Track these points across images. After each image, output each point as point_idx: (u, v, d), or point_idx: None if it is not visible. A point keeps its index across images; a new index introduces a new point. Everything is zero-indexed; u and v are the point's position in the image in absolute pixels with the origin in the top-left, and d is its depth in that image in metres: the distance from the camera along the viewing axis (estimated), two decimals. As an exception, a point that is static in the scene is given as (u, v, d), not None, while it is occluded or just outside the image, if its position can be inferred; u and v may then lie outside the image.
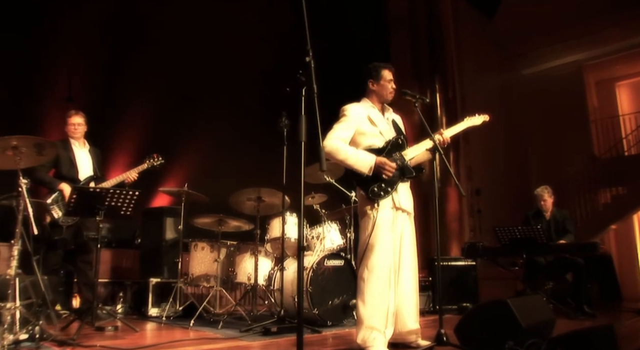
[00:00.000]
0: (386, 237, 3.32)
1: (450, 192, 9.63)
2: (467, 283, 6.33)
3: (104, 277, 5.73)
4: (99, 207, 4.14)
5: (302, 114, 2.06)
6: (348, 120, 3.42)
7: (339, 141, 3.34)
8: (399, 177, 3.41)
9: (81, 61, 6.02)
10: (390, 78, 3.57)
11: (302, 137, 2.05)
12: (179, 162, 6.67)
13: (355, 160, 3.29)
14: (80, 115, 4.89)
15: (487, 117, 3.92)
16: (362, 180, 3.34)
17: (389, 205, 3.35)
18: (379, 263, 3.27)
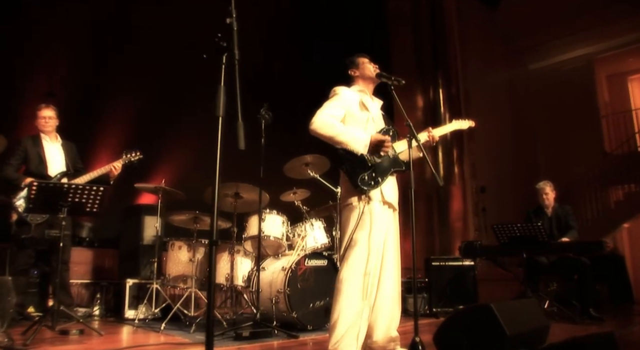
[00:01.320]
0: (371, 233, 2.96)
1: (454, 191, 9.22)
2: (466, 284, 5.90)
3: (85, 278, 5.46)
4: (62, 204, 3.83)
5: (221, 85, 1.70)
6: (340, 99, 3.10)
7: (330, 117, 3.00)
8: (388, 168, 3.07)
9: (63, 55, 5.76)
10: (368, 60, 3.27)
11: (220, 111, 1.69)
12: (164, 158, 6.37)
13: (351, 137, 2.94)
14: (51, 109, 4.61)
15: (472, 122, 3.69)
16: (352, 166, 2.98)
17: (377, 198, 3.01)
18: (361, 262, 2.92)
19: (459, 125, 3.58)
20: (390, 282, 3.07)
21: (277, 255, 4.64)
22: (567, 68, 10.73)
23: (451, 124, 3.57)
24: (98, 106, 6.03)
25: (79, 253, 5.47)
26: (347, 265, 2.94)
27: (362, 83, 3.25)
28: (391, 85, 3.15)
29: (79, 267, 5.43)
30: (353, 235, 2.96)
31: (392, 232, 3.12)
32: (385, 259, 3.06)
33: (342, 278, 2.94)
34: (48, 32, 5.63)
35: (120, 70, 6.16)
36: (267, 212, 4.51)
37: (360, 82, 3.26)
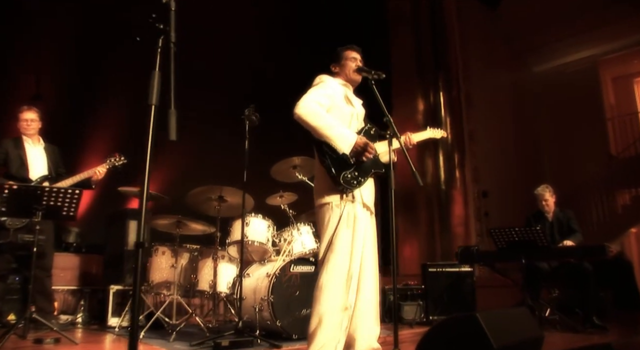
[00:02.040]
0: (352, 236, 2.78)
1: (456, 195, 8.97)
2: (463, 291, 5.64)
3: (71, 284, 5.29)
4: (37, 207, 3.68)
5: (155, 70, 1.52)
6: (326, 88, 2.90)
7: (318, 105, 2.79)
8: (369, 168, 2.89)
9: (50, 57, 5.64)
10: (353, 56, 3.06)
11: (153, 99, 1.50)
12: (155, 162, 6.19)
13: (338, 133, 2.73)
14: (34, 111, 4.47)
15: (444, 133, 3.63)
16: (335, 162, 2.78)
17: (356, 199, 2.83)
18: (342, 268, 2.72)
19: (432, 133, 3.51)
20: (369, 290, 2.89)
21: (262, 261, 4.43)
22: (572, 70, 10.45)
23: (426, 132, 3.49)
24: (86, 109, 5.90)
25: (66, 259, 5.32)
26: (327, 270, 2.75)
27: (342, 81, 3.07)
28: (372, 80, 2.96)
29: (66, 273, 5.27)
30: (334, 238, 2.76)
31: (369, 236, 2.93)
32: (364, 265, 2.88)
33: (321, 285, 2.75)
34: (35, 34, 5.52)
35: (109, 72, 6.03)
36: (252, 216, 4.32)
37: (341, 80, 3.06)
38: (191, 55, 6.57)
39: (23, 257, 4.45)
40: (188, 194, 4.28)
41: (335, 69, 3.06)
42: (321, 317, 2.67)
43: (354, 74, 3.02)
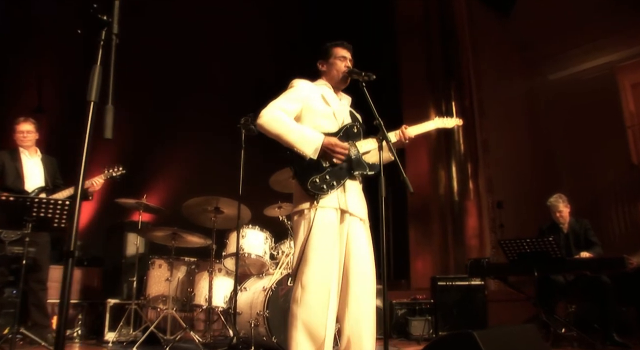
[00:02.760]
0: (326, 245, 2.55)
1: (469, 206, 8.68)
2: (474, 305, 5.37)
3: (72, 298, 5.16)
4: (26, 219, 3.58)
5: (97, 64, 1.38)
6: (295, 92, 2.72)
7: (281, 112, 2.61)
8: (347, 170, 2.66)
9: (52, 70, 5.60)
10: (342, 55, 2.85)
11: (93, 96, 1.36)
12: (160, 174, 6.12)
13: (299, 137, 2.54)
14: (30, 122, 4.42)
15: (460, 121, 3.22)
16: (302, 167, 2.59)
17: (331, 204, 2.60)
18: (315, 280, 2.50)
19: (442, 123, 3.11)
20: (362, 306, 2.64)
21: (260, 275, 4.26)
22: (589, 77, 10.09)
23: (433, 122, 3.10)
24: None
25: (66, 272, 5.21)
26: (303, 284, 2.53)
27: (328, 80, 2.88)
28: (362, 82, 2.78)
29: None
30: (306, 248, 2.56)
31: (359, 247, 2.69)
32: (354, 280, 2.64)
33: (297, 299, 2.52)
34: (36, 48, 5.50)
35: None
36: (248, 228, 4.16)
37: (325, 80, 2.87)
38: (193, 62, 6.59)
39: (18, 270, 4.37)
40: (183, 205, 4.15)
41: (322, 67, 2.87)
42: (299, 333, 2.47)
43: (342, 75, 2.83)
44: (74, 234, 1.35)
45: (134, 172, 5.79)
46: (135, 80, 6.02)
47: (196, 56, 6.35)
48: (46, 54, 5.55)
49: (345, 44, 2.93)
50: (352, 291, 2.63)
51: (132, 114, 5.92)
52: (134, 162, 5.79)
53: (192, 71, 6.38)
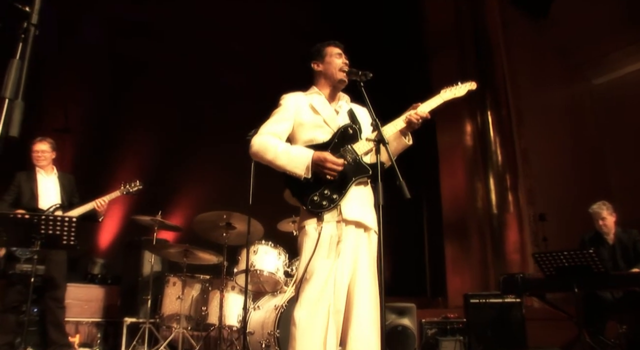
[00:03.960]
0: (327, 264, 2.33)
1: (509, 219, 8.16)
2: (511, 325, 4.92)
3: (94, 316, 5.13)
4: (35, 236, 3.52)
5: (15, 58, 1.23)
6: (283, 111, 2.56)
7: (270, 136, 2.47)
8: (349, 178, 2.42)
9: (78, 90, 5.68)
10: (338, 52, 2.66)
11: (8, 92, 1.20)
12: (184, 190, 6.05)
13: (287, 159, 2.38)
14: (46, 142, 4.43)
15: (474, 84, 2.80)
16: (298, 186, 2.40)
17: (333, 217, 2.38)
18: (319, 300, 2.28)
19: (452, 93, 2.73)
20: (365, 326, 2.38)
21: (274, 293, 4.04)
22: (636, 80, 9.44)
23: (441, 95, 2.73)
24: (113, 140, 5.88)
25: (90, 290, 5.20)
26: (302, 304, 2.30)
27: (324, 84, 2.66)
28: (360, 82, 2.55)
29: (90, 305, 5.13)
30: (309, 265, 2.34)
31: (365, 260, 2.44)
32: (358, 296, 2.39)
33: (296, 320, 2.30)
34: (62, 68, 5.60)
35: (135, 103, 6.02)
36: (260, 244, 3.96)
37: (322, 82, 2.66)
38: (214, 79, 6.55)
39: (36, 288, 4.35)
40: (193, 220, 4.01)
41: (318, 67, 2.66)
42: None
43: (339, 73, 2.60)
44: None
45: (157, 189, 5.78)
46: (156, 98, 6.05)
47: (218, 74, 6.32)
48: (72, 75, 5.64)
49: (337, 42, 2.73)
50: (355, 313, 2.38)
51: (154, 131, 5.93)
52: (157, 178, 5.78)
53: (214, 88, 6.34)
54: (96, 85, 5.84)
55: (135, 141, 5.88)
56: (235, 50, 6.42)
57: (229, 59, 6.42)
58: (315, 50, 2.69)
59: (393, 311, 5.15)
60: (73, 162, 5.48)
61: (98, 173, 5.41)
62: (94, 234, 5.69)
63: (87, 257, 5.46)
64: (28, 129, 4.25)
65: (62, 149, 5.39)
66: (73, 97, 5.61)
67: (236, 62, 6.38)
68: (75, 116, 5.58)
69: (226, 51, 6.42)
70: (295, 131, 2.54)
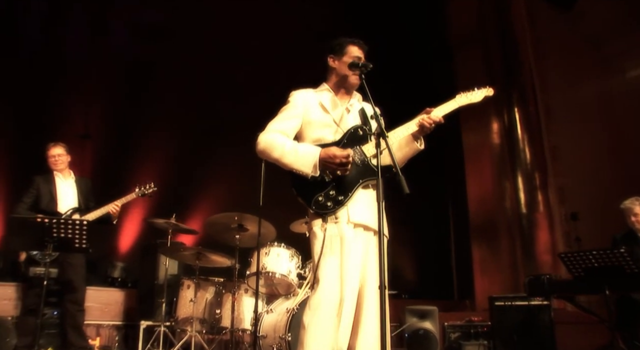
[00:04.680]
0: (340, 264, 2.26)
1: (539, 219, 7.86)
2: (539, 329, 4.68)
3: (115, 320, 5.16)
4: (47, 240, 3.54)
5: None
6: (291, 108, 2.49)
7: (277, 134, 2.40)
8: (356, 180, 2.35)
9: (98, 97, 5.75)
10: (357, 55, 2.55)
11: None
12: (205, 194, 6.03)
13: (294, 157, 2.32)
14: (60, 146, 4.48)
15: (491, 91, 2.70)
16: (303, 187, 2.34)
17: (343, 219, 2.31)
18: (329, 304, 2.21)
19: (467, 98, 2.63)
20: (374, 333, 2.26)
21: (288, 295, 3.94)
22: (673, 71, 8.93)
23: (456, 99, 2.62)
24: (132, 145, 5.92)
25: (110, 294, 5.24)
26: (311, 307, 2.23)
27: (335, 82, 2.58)
28: (360, 74, 2.44)
29: (110, 308, 5.17)
30: (318, 268, 2.27)
31: (373, 265, 2.35)
32: (367, 301, 2.32)
33: (305, 324, 2.23)
34: (82, 75, 5.68)
35: (153, 105, 6.05)
36: (272, 246, 3.87)
37: (333, 79, 2.58)
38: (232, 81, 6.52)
39: (56, 292, 4.40)
40: (205, 222, 3.96)
41: (333, 63, 2.57)
42: None
43: (353, 77, 2.50)
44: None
45: (177, 191, 5.79)
46: (173, 100, 6.06)
47: (235, 75, 6.29)
48: (91, 82, 5.72)
49: (362, 43, 2.62)
50: (364, 319, 2.33)
51: (172, 132, 5.93)
52: (177, 180, 5.79)
53: (231, 89, 6.32)
54: (114, 90, 5.90)
55: (154, 143, 5.91)
56: (253, 50, 6.37)
57: (246, 59, 6.38)
58: (337, 44, 2.59)
59: (414, 314, 5.00)
60: (93, 167, 5.55)
61: (118, 176, 5.45)
62: (114, 238, 5.73)
63: (108, 260, 5.50)
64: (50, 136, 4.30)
65: (82, 154, 5.47)
66: (92, 103, 5.67)
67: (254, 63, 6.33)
68: (95, 121, 5.65)
69: (243, 51, 6.39)
70: (304, 129, 2.48)
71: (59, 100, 5.56)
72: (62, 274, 4.24)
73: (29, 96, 5.38)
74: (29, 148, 4.76)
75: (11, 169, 5.08)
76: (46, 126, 5.34)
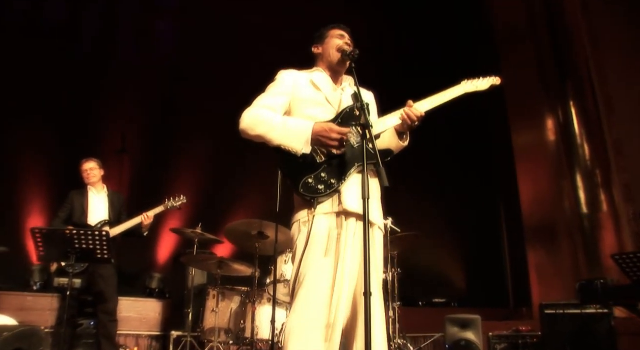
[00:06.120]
0: (324, 263, 2.02)
1: (603, 219, 7.17)
2: (598, 340, 4.15)
3: (153, 330, 5.16)
4: (70, 251, 3.57)
5: None
6: (278, 85, 2.31)
7: (264, 109, 2.20)
8: (350, 163, 2.11)
9: (134, 112, 5.86)
10: (339, 33, 2.37)
11: None
12: (240, 205, 5.97)
13: (284, 131, 2.10)
14: (93, 161, 4.56)
15: (498, 80, 2.47)
16: (292, 168, 2.12)
17: (330, 208, 2.08)
18: (316, 307, 1.97)
19: (474, 86, 2.37)
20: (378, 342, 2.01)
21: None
22: None
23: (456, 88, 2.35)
24: (168, 159, 5.97)
25: (148, 304, 5.26)
26: (295, 311, 2.01)
27: (322, 65, 2.39)
28: (351, 61, 2.23)
29: (148, 318, 5.19)
30: (301, 266, 2.04)
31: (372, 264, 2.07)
32: (360, 307, 2.05)
33: (288, 330, 2.01)
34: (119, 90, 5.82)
35: (188, 116, 6.09)
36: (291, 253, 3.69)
37: (321, 64, 2.40)
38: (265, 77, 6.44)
39: (91, 302, 4.45)
40: (224, 230, 3.85)
41: (317, 50, 2.40)
42: None
43: (336, 54, 2.30)
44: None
45: (214, 201, 5.76)
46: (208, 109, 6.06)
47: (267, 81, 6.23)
48: (128, 97, 5.85)
49: (342, 25, 2.43)
50: (360, 322, 2.03)
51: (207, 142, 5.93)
52: (214, 190, 5.77)
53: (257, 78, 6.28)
54: (152, 105, 5.99)
55: (190, 156, 5.93)
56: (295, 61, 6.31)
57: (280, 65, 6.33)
58: (318, 34, 2.44)
59: (455, 324, 4.62)
60: (131, 181, 5.65)
61: (154, 189, 5.48)
62: (152, 249, 5.78)
63: (146, 272, 5.54)
64: (90, 152, 4.35)
65: (120, 169, 5.58)
66: (130, 118, 5.79)
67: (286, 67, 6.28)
68: (131, 136, 5.76)
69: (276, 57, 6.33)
70: (293, 108, 2.26)
71: (96, 117, 5.72)
72: (94, 285, 4.29)
73: (70, 115, 5.57)
74: (71, 164, 4.88)
75: (54, 186, 5.25)
76: (85, 143, 5.50)
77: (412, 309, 6.45)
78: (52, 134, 5.46)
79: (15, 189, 5.31)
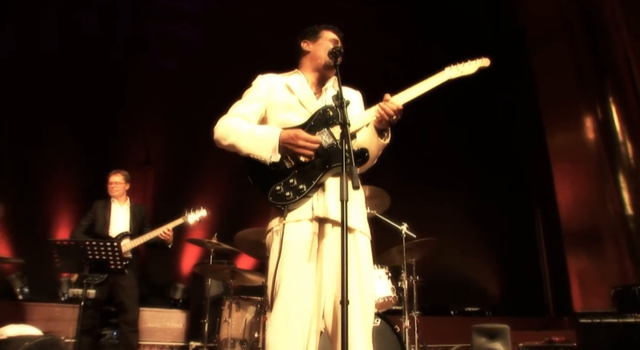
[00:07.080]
0: (299, 271, 1.93)
1: (650, 221, 6.69)
2: (639, 352, 3.81)
3: (177, 340, 5.16)
4: (84, 262, 3.60)
5: None
6: (253, 91, 2.25)
7: (236, 118, 2.15)
8: (322, 166, 2.01)
9: (159, 124, 5.93)
10: (333, 38, 2.29)
11: None
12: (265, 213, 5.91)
13: (251, 141, 2.04)
14: (119, 174, 4.62)
15: (487, 61, 2.21)
16: (259, 175, 2.05)
17: (303, 214, 1.99)
18: (294, 320, 1.88)
19: (459, 70, 2.16)
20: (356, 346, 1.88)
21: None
22: None
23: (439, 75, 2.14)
24: (191, 170, 5.99)
25: (172, 315, 5.26)
26: (273, 324, 1.92)
27: (308, 67, 2.29)
28: (335, 60, 2.12)
29: (172, 329, 5.19)
30: (276, 276, 1.94)
31: (352, 270, 1.95)
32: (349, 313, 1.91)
33: (267, 343, 1.92)
34: (143, 102, 5.90)
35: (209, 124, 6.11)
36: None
37: (307, 65, 2.30)
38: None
39: (114, 313, 4.49)
40: (234, 238, 3.79)
41: (307, 46, 2.30)
42: None
43: (326, 57, 2.19)
44: None
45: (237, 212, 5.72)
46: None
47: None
48: (152, 109, 5.93)
49: (337, 28, 2.35)
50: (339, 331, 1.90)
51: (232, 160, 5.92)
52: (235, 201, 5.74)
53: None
54: (176, 117, 6.04)
55: (213, 167, 5.91)
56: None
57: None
58: (311, 29, 2.34)
59: (482, 333, 4.37)
60: (154, 192, 5.70)
61: (178, 201, 5.51)
62: (177, 260, 5.80)
63: (171, 283, 5.56)
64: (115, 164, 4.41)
65: (144, 181, 5.65)
66: (154, 130, 5.87)
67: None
68: (155, 148, 5.82)
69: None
70: (269, 113, 2.21)
71: (121, 129, 5.83)
72: (115, 296, 4.31)
73: (96, 128, 5.69)
74: (97, 177, 4.97)
75: (80, 199, 5.35)
76: (111, 155, 5.61)
77: (443, 318, 6.18)
78: (77, 145, 5.59)
79: (43, 202, 5.46)
